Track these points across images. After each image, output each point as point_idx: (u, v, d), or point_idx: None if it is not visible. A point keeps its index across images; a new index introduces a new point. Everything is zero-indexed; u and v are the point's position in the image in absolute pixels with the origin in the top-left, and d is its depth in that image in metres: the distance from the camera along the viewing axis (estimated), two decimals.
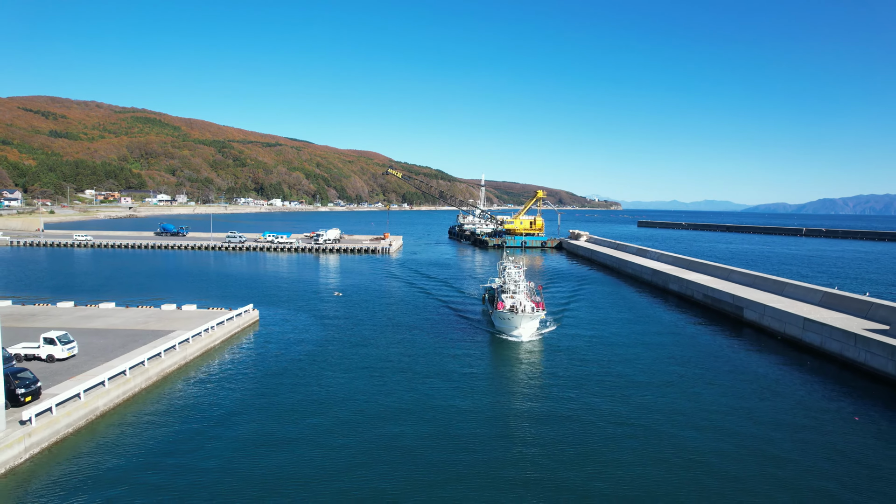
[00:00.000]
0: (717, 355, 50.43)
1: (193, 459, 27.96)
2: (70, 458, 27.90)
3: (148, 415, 33.96)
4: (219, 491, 25.05)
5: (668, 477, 27.13)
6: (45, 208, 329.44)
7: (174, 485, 25.52)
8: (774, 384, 42.38)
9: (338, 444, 30.13)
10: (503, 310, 54.27)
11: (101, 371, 36.63)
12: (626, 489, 25.90)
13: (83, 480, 25.81)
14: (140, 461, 27.78)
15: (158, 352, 41.48)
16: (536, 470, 27.57)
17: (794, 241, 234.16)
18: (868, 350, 45.18)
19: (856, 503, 25.25)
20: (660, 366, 46.34)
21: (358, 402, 36.66)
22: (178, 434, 31.05)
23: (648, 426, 33.26)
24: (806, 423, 34.60)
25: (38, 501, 23.89)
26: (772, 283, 70.59)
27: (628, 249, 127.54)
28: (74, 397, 31.77)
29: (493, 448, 30.06)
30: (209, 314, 57.21)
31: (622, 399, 37.85)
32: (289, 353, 48.36)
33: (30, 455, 27.56)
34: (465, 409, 35.63)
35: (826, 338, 50.36)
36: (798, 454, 30.12)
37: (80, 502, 23.95)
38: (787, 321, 56.49)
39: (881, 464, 29.25)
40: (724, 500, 25.13)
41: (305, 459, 28.35)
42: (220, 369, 43.43)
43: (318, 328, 57.78)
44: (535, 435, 31.86)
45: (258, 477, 26.43)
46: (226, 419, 33.38)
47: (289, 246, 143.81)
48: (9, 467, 26.27)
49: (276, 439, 30.67)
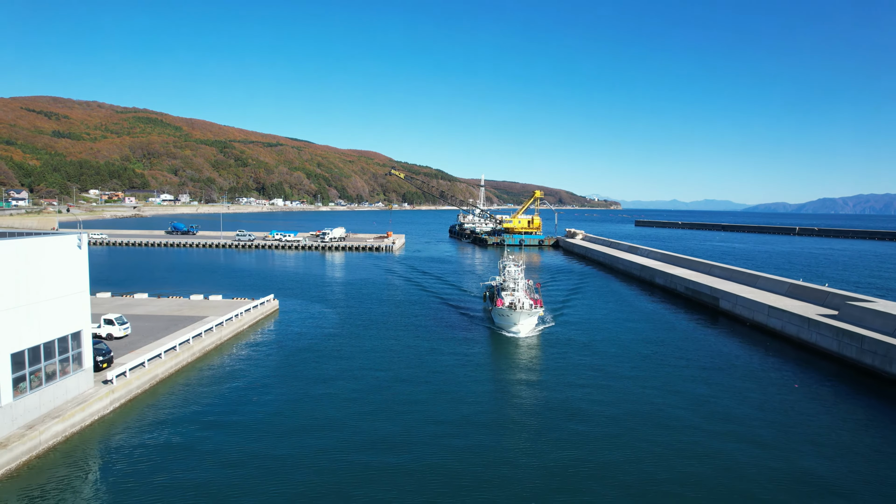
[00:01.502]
0: (691, 338, 56.74)
1: (238, 416, 34.23)
2: (142, 409, 34.19)
3: (196, 381, 40.30)
4: (258, 437, 31.33)
5: (639, 427, 33.49)
6: (52, 208, 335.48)
7: (223, 431, 31.78)
8: (734, 359, 48.78)
9: (354, 401, 36.43)
10: (502, 307, 55.78)
11: (154, 347, 42.94)
12: (607, 452, 32.25)
13: (153, 424, 32.10)
14: (194, 413, 34.08)
15: (199, 332, 47.81)
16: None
17: (786, 240, 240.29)
18: (818, 332, 51.59)
19: (779, 439, 31.54)
20: (638, 347, 52.67)
21: (373, 371, 42.99)
22: (223, 396, 37.35)
23: (627, 393, 39.62)
24: (751, 387, 41.02)
25: (122, 440, 30.14)
26: (746, 277, 76.99)
27: (620, 247, 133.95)
28: (140, 365, 38.11)
29: (483, 412, 36.44)
30: (234, 303, 63.53)
31: (608, 381, 44.21)
32: (308, 335, 54.73)
33: (113, 407, 33.91)
34: (462, 384, 41.98)
35: (786, 322, 56.76)
36: (737, 408, 36.47)
37: (150, 439, 30.21)
38: (754, 309, 62.86)
39: (805, 411, 35.53)
40: (675, 436, 31.42)
41: (330, 412, 34.64)
42: (250, 348, 49.80)
43: (332, 315, 64.12)
44: (524, 419, 38.13)
45: (293, 426, 32.71)
46: (261, 384, 39.73)
47: (296, 244, 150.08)
48: (100, 415, 32.60)
49: (306, 399, 36.98)
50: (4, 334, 27.23)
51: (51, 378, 30.62)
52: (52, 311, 30.33)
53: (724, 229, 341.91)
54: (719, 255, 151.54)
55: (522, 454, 29.72)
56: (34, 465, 27.19)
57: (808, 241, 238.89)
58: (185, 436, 30.75)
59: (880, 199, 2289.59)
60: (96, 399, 32.50)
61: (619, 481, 26.86)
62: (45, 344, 30.03)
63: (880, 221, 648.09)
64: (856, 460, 29.67)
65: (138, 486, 25.28)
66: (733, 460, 29.28)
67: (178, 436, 30.72)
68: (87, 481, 25.95)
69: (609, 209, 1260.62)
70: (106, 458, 28.06)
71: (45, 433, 28.40)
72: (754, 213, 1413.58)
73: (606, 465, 28.46)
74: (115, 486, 25.28)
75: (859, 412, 36.94)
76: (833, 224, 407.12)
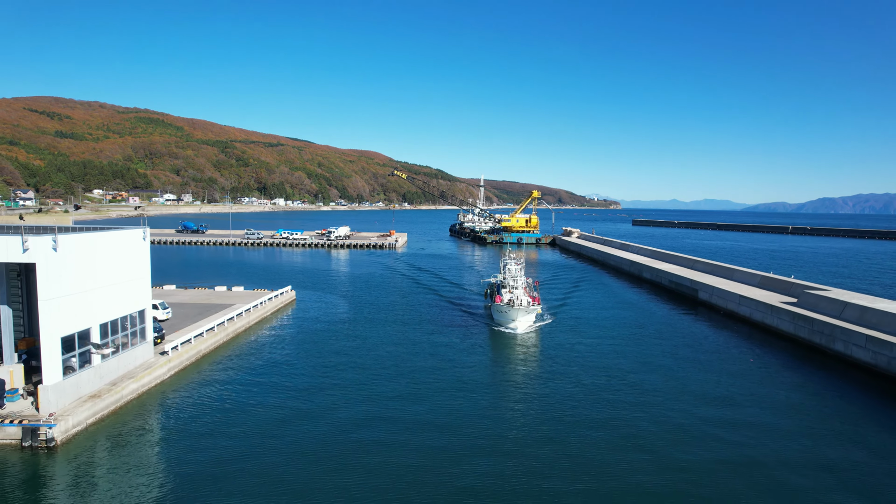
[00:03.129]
0: (669, 324, 63.19)
1: (272, 379, 40.65)
2: (192, 376, 40.59)
3: (234, 355, 46.74)
4: (290, 396, 37.75)
5: (612, 390, 39.96)
6: (58, 207, 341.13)
7: (260, 392, 38.19)
8: (703, 340, 55.33)
9: (368, 368, 42.88)
10: (500, 303, 57.70)
11: (195, 328, 49.29)
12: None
13: (201, 388, 38.48)
14: (234, 379, 40.47)
15: (231, 316, 54.21)
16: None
17: (777, 239, 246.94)
18: (779, 317, 58.09)
19: (723, 396, 37.94)
20: (621, 330, 59.16)
21: (384, 347, 49.43)
22: (258, 366, 43.77)
23: (607, 367, 46.11)
24: (710, 360, 47.61)
25: (179, 399, 36.46)
26: (724, 270, 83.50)
27: (613, 244, 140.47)
28: (187, 341, 44.51)
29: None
30: (256, 294, 69.93)
31: (593, 361, 50.73)
32: (324, 320, 61.20)
33: (170, 374, 40.35)
34: (461, 368, 48.48)
35: (753, 310, 63.25)
36: (695, 375, 42.92)
37: (200, 399, 36.51)
38: (728, 299, 69.34)
39: (753, 378, 41.95)
40: (642, 396, 37.84)
41: (349, 376, 41.06)
42: (275, 330, 56.27)
43: (344, 305, 70.58)
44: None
45: (318, 386, 39.14)
46: (289, 356, 46.20)
47: (302, 242, 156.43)
48: (160, 380, 39.02)
49: (328, 367, 43.41)
50: (97, 308, 33.66)
51: (124, 347, 37.04)
52: (125, 291, 36.75)
53: (719, 228, 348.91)
54: (709, 252, 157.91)
55: (506, 406, 36.18)
56: (118, 412, 33.59)
57: (799, 239, 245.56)
58: (228, 396, 37.13)
59: (880, 199, 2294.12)
60: (158, 366, 38.93)
61: (592, 428, 33.30)
62: (122, 318, 36.45)
63: (878, 221, 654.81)
64: (783, 412, 36.14)
65: (193, 434, 31.55)
66: (683, 413, 35.71)
67: (222, 396, 37.11)
68: (155, 428, 32.32)
69: (608, 209, 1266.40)
70: (167, 411, 34.44)
71: (125, 390, 34.81)
72: (753, 213, 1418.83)
73: (585, 419, 34.90)
74: (175, 433, 31.61)
75: (797, 378, 43.45)
76: (826, 223, 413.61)
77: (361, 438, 31.01)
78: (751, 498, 25.59)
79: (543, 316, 62.57)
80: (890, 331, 45.79)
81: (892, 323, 46.26)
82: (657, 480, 27.04)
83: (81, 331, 32.49)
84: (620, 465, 28.50)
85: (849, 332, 47.52)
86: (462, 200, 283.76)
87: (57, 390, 30.32)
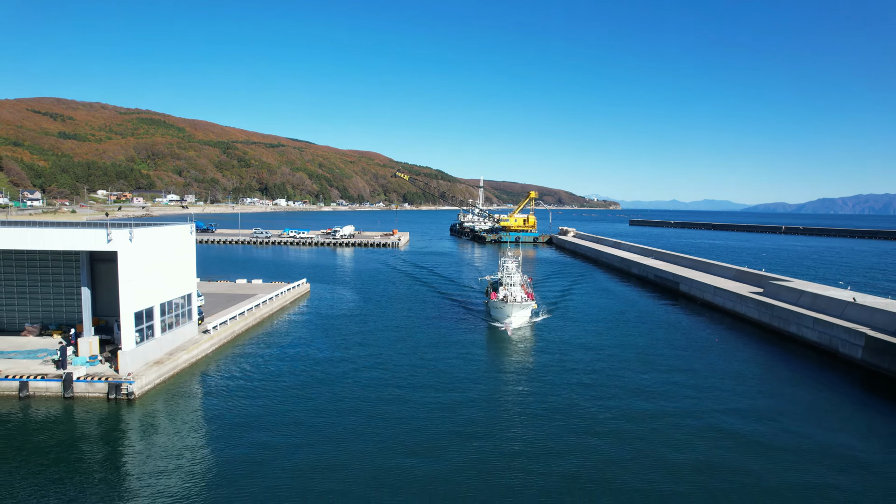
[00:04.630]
0: (649, 313, 69.93)
1: (298, 351, 47.37)
2: (230, 351, 47.30)
3: (262, 335, 53.49)
4: (310, 368, 44.48)
5: (590, 363, 46.70)
6: (65, 208, 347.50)
7: (287, 364, 44.89)
8: (677, 325, 62.09)
9: (378, 346, 49.61)
10: (495, 300, 59.81)
11: (228, 312, 55.95)
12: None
13: (239, 360, 45.19)
14: (265, 353, 47.19)
15: (257, 303, 60.94)
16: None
17: (769, 238, 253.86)
18: (746, 305, 64.86)
19: (686, 368, 44.64)
20: (605, 315, 65.93)
21: (391, 331, 56.17)
22: (284, 344, 50.49)
23: (590, 347, 52.89)
24: (680, 340, 54.42)
25: (221, 368, 43.15)
26: (704, 265, 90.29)
27: (606, 243, 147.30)
28: (223, 322, 51.23)
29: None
30: (274, 286, 76.61)
31: (578, 345, 57.53)
32: (338, 308, 67.95)
33: (213, 348, 47.10)
34: (460, 348, 55.27)
35: (725, 299, 70.03)
36: (663, 351, 49.66)
37: (239, 368, 43.17)
38: (704, 290, 76.09)
39: (716, 353, 48.66)
40: (614, 369, 44.55)
41: (361, 352, 47.79)
42: (295, 315, 63.02)
43: (354, 296, 77.34)
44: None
45: (335, 360, 45.87)
46: (308, 337, 52.90)
47: (309, 240, 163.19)
48: (205, 353, 45.75)
49: (341, 347, 50.15)
50: (158, 290, 40.42)
51: (176, 324, 43.77)
52: (178, 276, 43.49)
53: (714, 228, 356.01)
54: (699, 250, 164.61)
55: (494, 385, 42.94)
56: (176, 376, 40.34)
57: (791, 238, 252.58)
58: (261, 366, 43.86)
59: (879, 199, 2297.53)
60: (203, 342, 45.68)
61: (572, 386, 40.05)
62: (176, 299, 43.21)
63: (876, 221, 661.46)
64: (733, 378, 42.91)
65: (234, 394, 38.14)
66: (649, 378, 42.45)
67: (256, 366, 43.84)
68: (205, 388, 38.98)
69: (608, 209, 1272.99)
70: (213, 376, 41.13)
71: (179, 359, 41.54)
72: (752, 213, 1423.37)
73: (566, 383, 41.66)
74: (220, 392, 38.24)
75: (754, 355, 50.22)
76: (819, 224, 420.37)
77: (375, 396, 37.75)
78: (694, 436, 32.28)
79: (539, 312, 65.23)
80: (833, 313, 52.57)
81: (836, 307, 53.05)
82: (621, 426, 33.77)
83: (148, 308, 39.23)
84: (589, 411, 35.22)
85: (801, 316, 54.29)
86: (462, 201, 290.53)
87: (132, 355, 37.05)
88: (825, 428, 33.84)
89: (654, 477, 27.34)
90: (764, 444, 31.41)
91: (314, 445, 30.06)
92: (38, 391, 35.54)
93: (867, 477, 27.84)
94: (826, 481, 27.29)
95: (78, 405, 34.86)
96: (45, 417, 33.17)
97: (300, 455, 28.84)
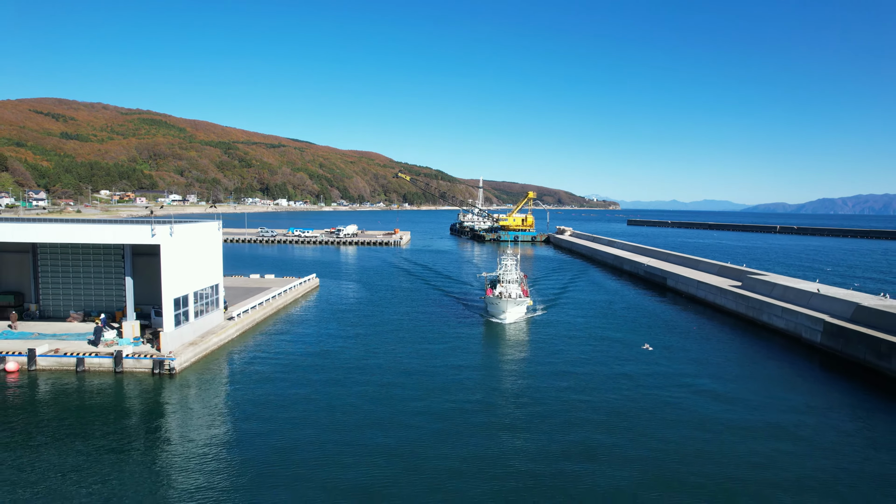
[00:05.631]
0: (637, 305, 75.07)
1: (310, 340, 52.46)
2: (252, 336, 52.40)
3: (280, 322, 58.61)
4: (325, 349, 49.59)
5: (572, 350, 51.80)
6: (70, 208, 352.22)
7: (303, 345, 49.99)
8: (661, 315, 67.24)
9: (385, 331, 54.72)
10: (491, 296, 62.57)
11: (247, 303, 61.02)
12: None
13: (261, 344, 50.27)
14: (284, 338, 52.30)
15: (273, 295, 66.07)
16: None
17: (763, 237, 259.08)
18: (725, 297, 70.02)
19: (662, 352, 49.73)
20: (594, 307, 71.09)
21: (392, 323, 61.29)
22: (299, 331, 55.58)
23: (576, 339, 58.02)
24: (660, 328, 59.52)
25: (246, 350, 48.21)
26: (692, 262, 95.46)
27: (600, 241, 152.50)
28: (245, 311, 56.34)
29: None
30: (286, 280, 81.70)
31: (567, 336, 62.67)
32: (346, 300, 73.10)
33: (237, 333, 52.21)
34: (458, 336, 60.40)
35: (707, 293, 75.17)
36: (644, 338, 54.73)
37: (261, 351, 48.25)
38: (689, 284, 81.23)
39: (692, 339, 53.73)
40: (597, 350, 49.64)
41: (366, 343, 52.91)
42: (307, 306, 68.15)
43: (361, 290, 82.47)
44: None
45: (344, 344, 50.98)
46: (321, 324, 58.02)
47: (313, 239, 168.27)
48: (230, 338, 50.85)
49: (351, 332, 55.26)
50: (192, 279, 45.53)
51: (206, 311, 48.87)
52: (208, 268, 48.59)
53: (710, 228, 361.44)
54: (692, 248, 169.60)
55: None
56: (207, 356, 45.43)
57: (784, 238, 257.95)
58: (281, 348, 48.97)
59: (879, 200, 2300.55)
60: (229, 327, 50.81)
61: (556, 376, 45.18)
62: (206, 289, 48.32)
63: (875, 221, 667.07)
64: (704, 360, 48.03)
65: (258, 372, 43.19)
66: (626, 356, 47.59)
67: (276, 348, 48.96)
68: (233, 367, 44.08)
69: (607, 209, 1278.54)
70: (240, 357, 46.20)
71: (210, 342, 46.65)
72: (752, 214, 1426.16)
73: (552, 363, 46.79)
74: (246, 370, 43.32)
75: (728, 339, 55.33)
76: (814, 223, 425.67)
77: (378, 380, 42.86)
78: (666, 406, 37.40)
79: (535, 308, 68.16)
80: (800, 303, 57.72)
81: (803, 297, 58.22)
82: (601, 396, 38.93)
83: (184, 296, 44.35)
84: (569, 394, 40.34)
85: (772, 306, 59.44)
86: (462, 201, 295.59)
87: (172, 336, 42.18)
88: (778, 399, 38.96)
89: (619, 441, 32.47)
90: (721, 419, 36.54)
91: (330, 416, 35.10)
92: (93, 366, 40.66)
93: (812, 441, 32.96)
94: (772, 444, 32.42)
95: (127, 378, 39.93)
96: (98, 388, 38.22)
97: (316, 425, 33.77)
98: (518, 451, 30.04)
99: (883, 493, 26.42)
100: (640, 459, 29.23)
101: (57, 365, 40.61)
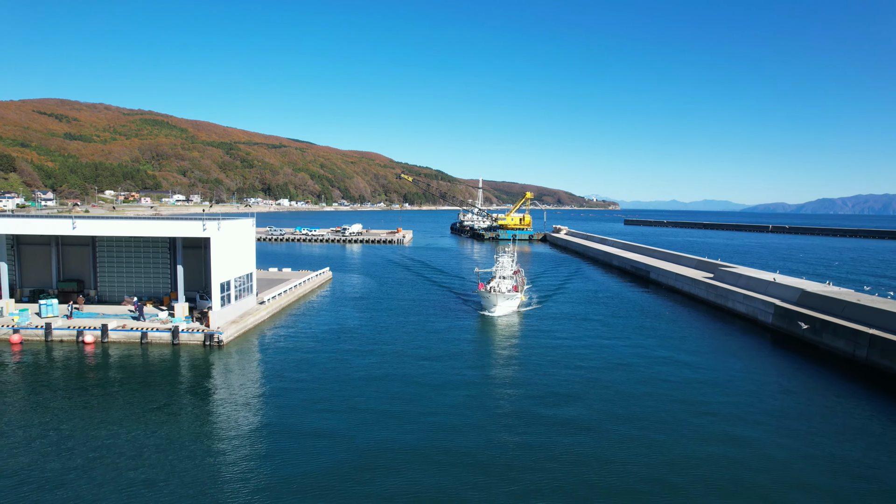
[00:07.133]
0: (619, 296, 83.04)
1: (331, 322, 60.40)
2: (281, 318, 60.32)
3: (303, 308, 66.59)
4: (344, 328, 57.53)
5: (558, 333, 59.78)
6: (78, 207, 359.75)
7: (324, 328, 57.92)
8: (639, 303, 75.26)
9: (395, 316, 62.66)
10: (483, 290, 65.83)
11: (273, 290, 68.91)
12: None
13: (288, 325, 58.15)
14: (308, 321, 60.23)
15: (294, 285, 74.08)
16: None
17: (754, 236, 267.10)
18: (698, 288, 78.04)
19: (635, 335, 57.61)
20: (582, 297, 79.07)
21: (399, 308, 69.26)
22: (320, 315, 63.54)
23: (562, 324, 65.96)
24: (635, 314, 67.56)
25: (276, 331, 56.09)
26: (674, 257, 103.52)
27: (593, 239, 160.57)
28: (273, 297, 64.31)
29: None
30: (302, 273, 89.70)
31: (556, 323, 70.67)
32: (358, 290, 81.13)
33: (268, 315, 60.19)
34: (454, 328, 68.42)
35: (683, 284, 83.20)
36: (620, 322, 62.67)
37: (288, 331, 56.12)
38: (669, 277, 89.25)
39: (667, 323, 61.63)
40: (581, 335, 57.53)
41: (383, 321, 60.84)
42: (324, 295, 76.18)
43: (371, 282, 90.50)
44: (489, 337, 64.61)
45: (360, 326, 58.93)
46: (338, 310, 66.01)
47: (320, 237, 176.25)
48: (261, 319, 58.80)
49: (365, 314, 63.23)
50: (233, 268, 53.49)
51: (242, 296, 56.83)
52: (244, 259, 56.53)
53: (705, 227, 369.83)
54: (682, 246, 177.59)
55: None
56: (246, 333, 53.38)
57: (774, 236, 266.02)
58: (306, 328, 56.91)
59: (879, 200, 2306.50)
60: (261, 311, 58.80)
61: (543, 364, 53.13)
62: (243, 276, 56.27)
63: (875, 221, 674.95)
64: (675, 338, 55.99)
65: (287, 347, 51.17)
66: (606, 337, 55.54)
67: (303, 328, 56.91)
68: (266, 344, 51.92)
69: (607, 209, 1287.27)
70: (272, 334, 54.13)
71: (247, 321, 54.61)
72: (751, 214, 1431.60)
73: (537, 345, 54.74)
74: (275, 347, 51.19)
75: (699, 323, 63.28)
76: (810, 223, 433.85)
77: (392, 337, 50.82)
78: (624, 366, 45.36)
79: (529, 303, 72.46)
80: (760, 291, 65.74)
81: (762, 286, 66.25)
82: (586, 372, 46.89)
83: (227, 281, 52.33)
84: (553, 375, 48.29)
85: (735, 294, 67.45)
86: (462, 201, 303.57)
87: (218, 314, 50.16)
88: (721, 363, 46.93)
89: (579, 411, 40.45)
90: (665, 373, 44.52)
91: (349, 387, 43.05)
92: (154, 339, 48.62)
93: (727, 388, 40.94)
94: (711, 398, 40.41)
95: (182, 349, 47.87)
96: (160, 357, 46.14)
97: (339, 381, 41.78)
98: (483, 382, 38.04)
99: (774, 418, 34.35)
100: (593, 399, 37.18)
101: (125, 338, 48.58)
